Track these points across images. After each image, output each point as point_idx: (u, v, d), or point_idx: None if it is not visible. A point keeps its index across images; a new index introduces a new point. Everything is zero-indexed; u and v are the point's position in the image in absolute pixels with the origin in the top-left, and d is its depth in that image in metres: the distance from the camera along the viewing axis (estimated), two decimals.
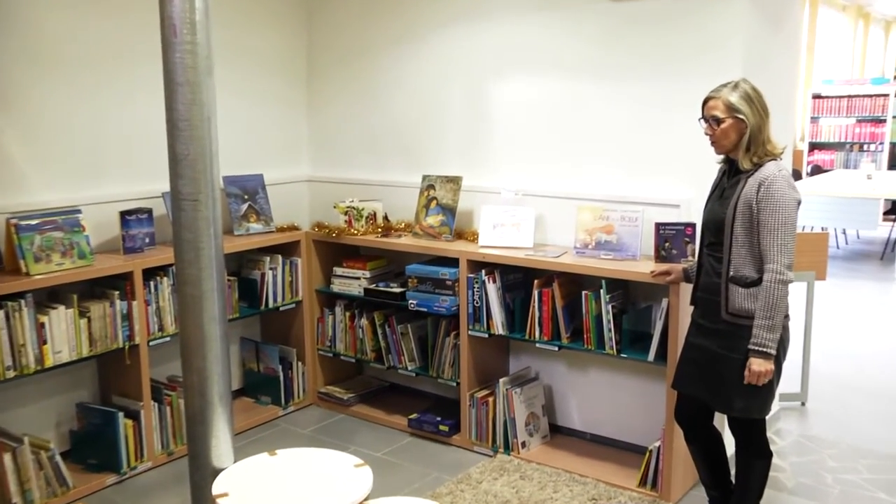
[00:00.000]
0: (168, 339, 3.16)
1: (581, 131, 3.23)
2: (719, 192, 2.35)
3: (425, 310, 3.30)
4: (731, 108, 2.25)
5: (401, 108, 3.73)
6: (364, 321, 3.61)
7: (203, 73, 2.01)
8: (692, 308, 2.49)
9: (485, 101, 3.48)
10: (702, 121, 2.31)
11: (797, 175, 8.26)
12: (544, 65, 3.29)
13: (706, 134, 2.30)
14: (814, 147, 9.84)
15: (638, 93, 3.05)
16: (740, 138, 2.26)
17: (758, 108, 2.27)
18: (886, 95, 9.30)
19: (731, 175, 2.32)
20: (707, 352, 2.34)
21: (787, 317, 2.28)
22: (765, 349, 2.20)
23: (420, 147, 3.68)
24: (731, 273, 2.26)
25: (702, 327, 2.38)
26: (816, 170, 9.10)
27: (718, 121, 2.26)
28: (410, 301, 3.33)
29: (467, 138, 3.55)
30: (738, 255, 2.25)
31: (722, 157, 2.39)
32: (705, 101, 2.30)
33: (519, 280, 3.25)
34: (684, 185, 2.97)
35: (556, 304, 3.02)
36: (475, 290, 3.18)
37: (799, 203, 2.22)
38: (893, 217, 8.22)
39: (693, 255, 2.85)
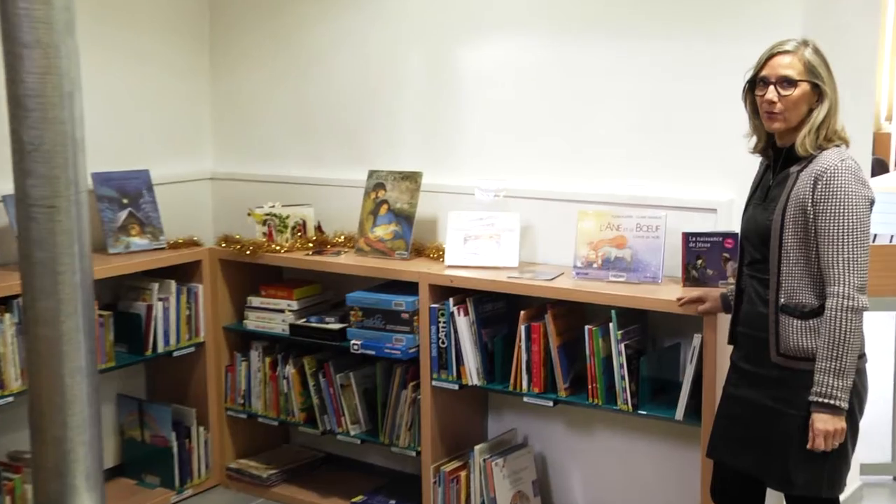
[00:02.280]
0: (10, 399, 3.07)
1: (583, 110, 3.23)
2: (762, 194, 2.38)
3: (373, 353, 3.30)
4: (811, 70, 2.27)
5: (340, 81, 3.71)
6: (290, 369, 3.58)
7: (61, 30, 1.93)
8: (731, 348, 2.49)
9: (453, 71, 3.47)
10: (761, 85, 2.30)
11: (882, 166, 8.27)
12: (533, 22, 3.29)
13: (767, 103, 2.28)
14: None
15: (661, 57, 3.07)
16: (808, 114, 2.28)
17: (832, 75, 2.29)
18: None
19: (777, 169, 2.35)
20: (754, 407, 2.35)
21: (862, 357, 2.29)
22: (833, 401, 2.20)
23: (366, 133, 3.68)
24: (783, 300, 2.28)
25: (745, 374, 2.39)
26: None
27: (792, 84, 2.26)
28: (353, 342, 3.31)
29: (429, 121, 3.54)
30: (790, 276, 2.26)
31: (758, 147, 2.41)
32: (769, 58, 2.30)
33: (500, 311, 3.24)
34: (723, 183, 2.99)
35: (551, 344, 3.02)
36: (441, 325, 3.16)
37: (872, 202, 2.25)
38: None
39: (734, 275, 2.84)
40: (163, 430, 3.66)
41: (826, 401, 2.20)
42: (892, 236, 7.34)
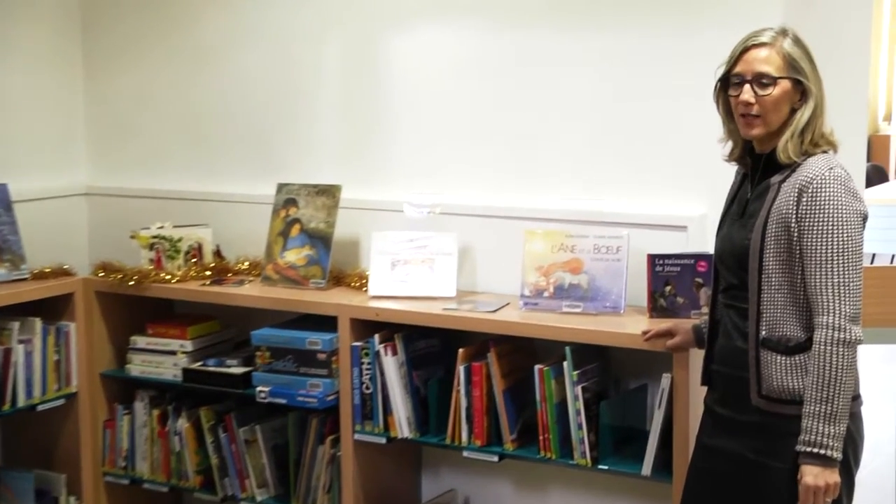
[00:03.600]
0: None
1: (532, 112, 3.25)
2: (739, 208, 2.40)
3: (284, 402, 3.28)
4: (791, 65, 2.28)
5: (242, 76, 3.71)
6: (183, 423, 3.54)
7: None
8: (704, 390, 2.50)
9: (378, 66, 3.48)
10: (735, 83, 2.31)
11: (881, 174, 8.42)
12: (475, 9, 3.31)
13: (743, 104, 2.29)
14: None
15: (622, 51, 3.09)
16: (790, 115, 2.30)
17: (817, 69, 2.31)
18: None
19: (756, 180, 2.36)
20: (732, 460, 2.35)
21: (857, 398, 2.30)
22: (824, 451, 2.19)
23: (274, 140, 3.68)
24: (764, 333, 2.29)
25: (722, 420, 2.39)
26: None
27: (770, 82, 2.28)
28: (260, 389, 3.29)
29: (350, 125, 3.55)
30: (772, 305, 2.28)
31: (734, 154, 2.42)
32: (742, 52, 2.31)
33: (434, 350, 3.25)
34: (694, 196, 3.01)
35: (495, 388, 3.01)
36: (364, 367, 3.15)
37: (865, 218, 2.26)
38: None
39: (709, 305, 2.86)
40: (24, 499, 3.59)
41: (816, 450, 2.19)
42: (892, 256, 7.47)
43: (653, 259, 2.92)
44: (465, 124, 3.35)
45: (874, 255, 6.02)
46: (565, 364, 2.89)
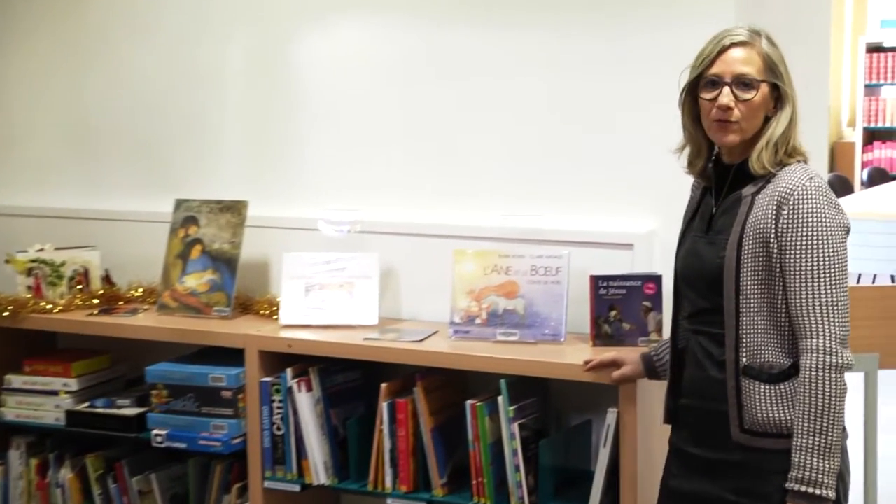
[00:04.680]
0: None
1: (461, 120, 3.28)
2: (703, 224, 2.41)
3: (184, 446, 3.25)
4: (771, 68, 2.30)
5: (136, 81, 3.70)
6: (67, 473, 3.51)
7: None
8: (669, 429, 2.51)
9: (289, 69, 3.50)
10: (710, 86, 2.31)
11: (846, 186, 8.54)
12: (397, 5, 3.34)
13: (721, 109, 2.29)
14: (873, 136, 10.44)
15: (562, 54, 3.13)
16: (765, 122, 2.33)
17: (789, 72, 2.33)
18: None
19: (721, 193, 2.39)
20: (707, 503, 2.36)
21: (844, 430, 2.29)
22: (816, 489, 2.18)
23: (170, 151, 3.69)
24: (745, 361, 2.29)
25: (694, 461, 2.38)
26: (877, 176, 9.57)
27: (751, 85, 2.29)
28: (156, 432, 3.26)
29: (256, 136, 3.56)
30: (752, 329, 2.29)
31: (696, 165, 2.44)
32: (720, 52, 2.30)
33: (355, 385, 3.25)
34: (640, 211, 3.05)
35: (422, 426, 3.01)
36: (275, 405, 3.14)
37: (848, 231, 2.30)
38: None
39: (658, 330, 2.91)
40: None
41: (809, 489, 2.18)
42: (859, 276, 7.66)
43: (596, 281, 2.94)
44: (388, 133, 3.37)
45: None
46: (500, 399, 2.89)
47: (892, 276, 7.46)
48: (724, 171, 2.38)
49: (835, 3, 9.38)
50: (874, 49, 10.24)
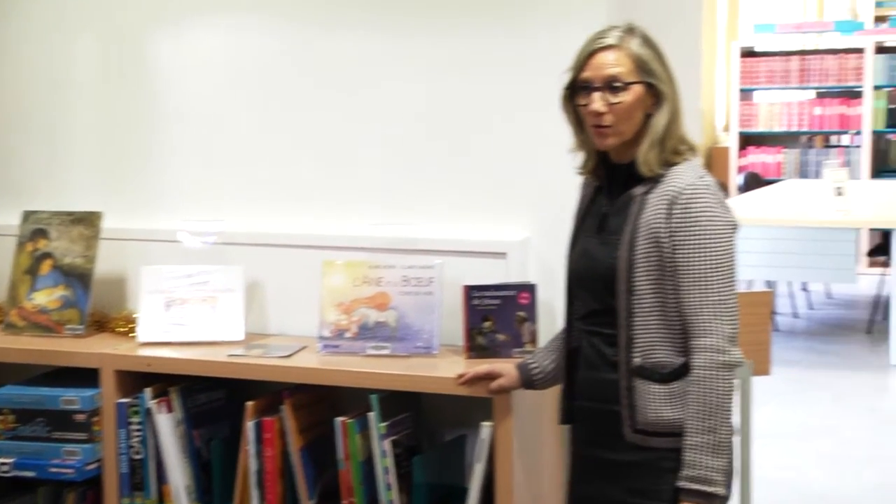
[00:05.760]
0: None
1: (328, 125, 3.28)
2: (595, 223, 2.46)
3: (33, 475, 3.20)
4: (642, 67, 2.35)
5: None
6: None
7: None
8: (568, 431, 2.56)
9: (143, 70, 3.48)
10: (583, 91, 2.35)
11: (722, 191, 8.84)
12: (259, 5, 3.34)
13: (593, 114, 2.34)
14: (747, 141, 10.78)
15: (432, 56, 3.15)
16: (645, 121, 2.37)
17: (669, 69, 2.38)
18: (861, 51, 10.26)
19: (613, 193, 2.44)
20: None
21: (732, 429, 2.36)
22: (708, 487, 2.25)
23: (16, 158, 3.66)
24: (637, 361, 2.35)
25: (594, 463, 2.44)
26: (752, 181, 9.84)
27: (622, 87, 2.33)
28: (2, 460, 3.20)
29: (110, 143, 3.53)
30: (645, 329, 2.34)
31: (587, 166, 2.48)
32: (589, 56, 2.36)
33: (219, 404, 3.25)
34: (514, 218, 3.07)
35: (290, 446, 3.00)
36: (134, 428, 3.11)
37: (736, 229, 2.36)
38: (884, 260, 8.31)
39: (533, 340, 2.93)
40: None
41: (700, 487, 2.25)
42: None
43: (469, 291, 2.95)
44: (252, 140, 3.36)
45: None
46: (371, 415, 2.89)
47: (767, 282, 7.67)
48: (615, 171, 2.43)
49: (708, 8, 9.69)
50: (748, 53, 10.56)
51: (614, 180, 2.43)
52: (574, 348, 2.50)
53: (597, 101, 2.33)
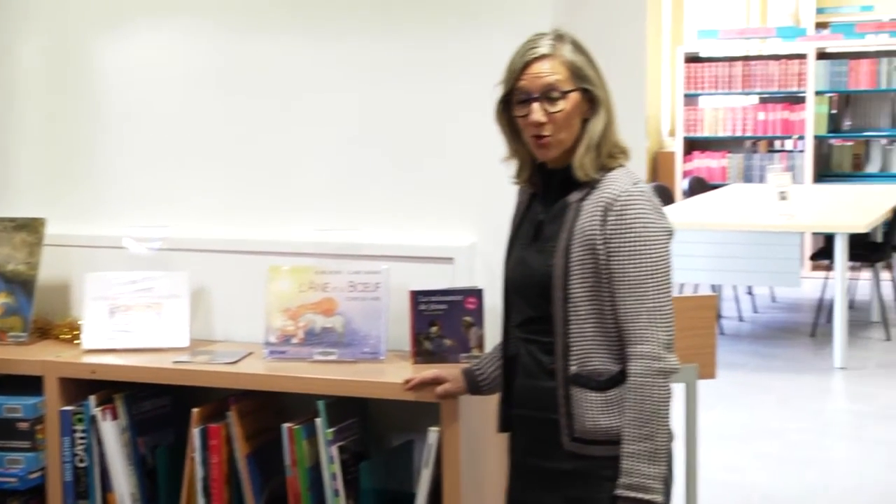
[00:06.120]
0: None
1: (273, 129, 3.28)
2: (531, 232, 2.46)
3: None
4: (577, 74, 2.35)
5: None
6: None
7: None
8: (507, 439, 2.55)
9: (86, 73, 3.47)
10: (520, 103, 2.35)
11: (667, 196, 8.87)
12: (204, 7, 3.34)
13: (533, 125, 2.34)
14: (692, 146, 10.87)
15: (376, 59, 3.16)
16: (582, 127, 2.37)
17: (601, 72, 2.39)
18: (804, 57, 10.35)
19: (548, 200, 2.44)
20: None
21: (671, 435, 2.35)
22: (645, 494, 2.26)
23: None
24: (574, 369, 2.35)
25: (533, 472, 2.44)
26: (697, 185, 9.91)
27: (559, 96, 2.33)
28: None
29: (53, 147, 3.53)
30: (581, 337, 2.34)
31: (522, 175, 2.49)
32: (524, 67, 2.36)
33: (164, 412, 3.23)
34: (460, 223, 3.09)
35: (237, 453, 2.99)
36: (78, 436, 3.09)
37: (671, 235, 2.37)
38: (827, 264, 8.30)
39: (480, 345, 2.94)
40: None
41: (637, 495, 2.26)
42: (682, 285, 7.90)
43: (416, 296, 2.96)
44: (196, 144, 3.35)
45: None
46: (318, 421, 2.89)
47: (712, 286, 7.75)
48: (551, 177, 2.43)
49: (652, 14, 9.78)
50: (692, 59, 10.63)
51: (550, 186, 2.43)
52: (512, 356, 2.50)
53: (537, 112, 2.33)
